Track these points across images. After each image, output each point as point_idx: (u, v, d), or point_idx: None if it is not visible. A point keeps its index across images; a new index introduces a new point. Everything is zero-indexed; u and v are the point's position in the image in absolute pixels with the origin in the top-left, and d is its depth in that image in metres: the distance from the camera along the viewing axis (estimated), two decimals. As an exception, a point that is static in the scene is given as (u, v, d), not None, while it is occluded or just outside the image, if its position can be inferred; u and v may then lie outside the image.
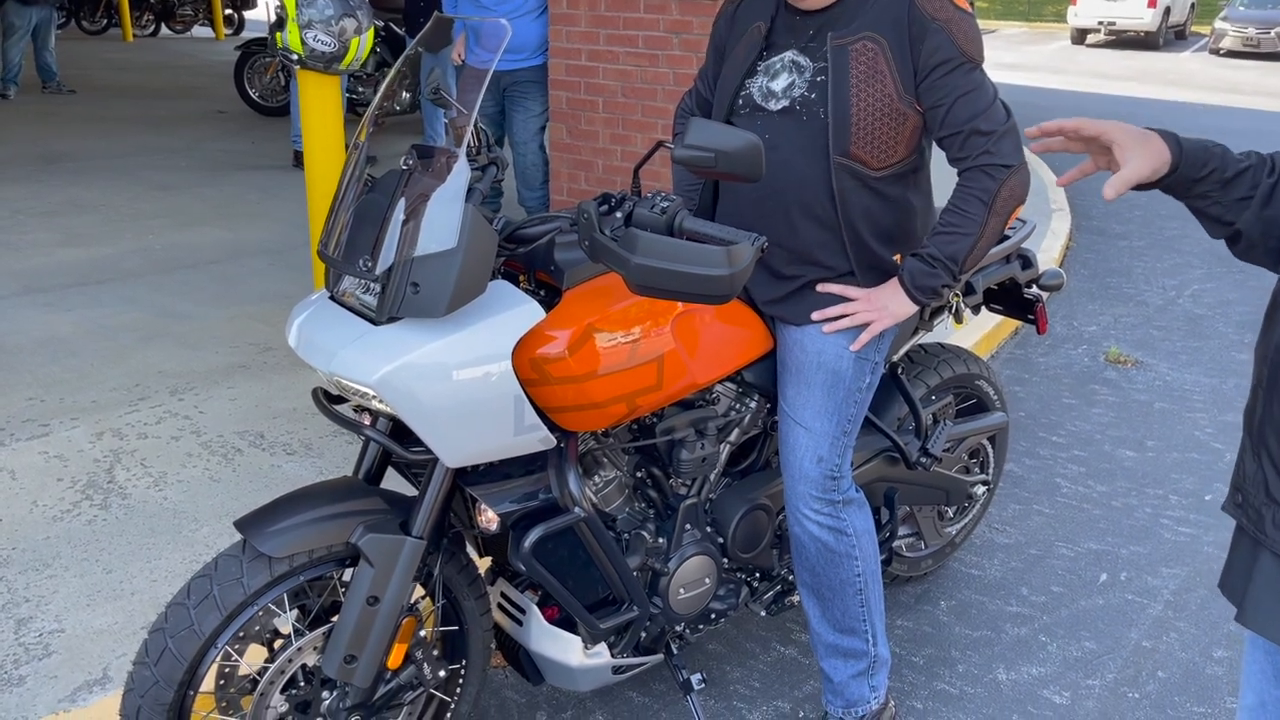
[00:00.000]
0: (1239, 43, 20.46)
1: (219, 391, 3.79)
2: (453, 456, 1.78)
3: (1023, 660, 2.67)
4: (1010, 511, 3.40)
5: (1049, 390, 4.38)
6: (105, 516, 2.97)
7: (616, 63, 4.89)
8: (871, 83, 1.99)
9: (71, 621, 2.52)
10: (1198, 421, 4.11)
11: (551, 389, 1.85)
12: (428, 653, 1.99)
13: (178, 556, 2.78)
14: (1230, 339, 5.06)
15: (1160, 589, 2.99)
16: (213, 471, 3.23)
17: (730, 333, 2.14)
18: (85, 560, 2.76)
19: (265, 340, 4.27)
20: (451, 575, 2.02)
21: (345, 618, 1.84)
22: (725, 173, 1.68)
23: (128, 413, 3.60)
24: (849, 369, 2.15)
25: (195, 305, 4.66)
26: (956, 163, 2.06)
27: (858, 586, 2.22)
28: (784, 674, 2.61)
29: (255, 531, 1.81)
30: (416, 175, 1.75)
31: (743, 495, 2.31)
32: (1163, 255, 6.52)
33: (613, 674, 2.20)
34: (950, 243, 2.05)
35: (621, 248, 1.67)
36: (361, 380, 1.70)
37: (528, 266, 1.98)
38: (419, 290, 1.69)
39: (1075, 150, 1.48)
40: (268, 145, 8.23)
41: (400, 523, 1.89)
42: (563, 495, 1.93)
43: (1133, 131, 1.41)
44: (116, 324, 4.40)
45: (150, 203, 6.39)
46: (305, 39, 3.49)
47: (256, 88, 9.69)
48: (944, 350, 2.78)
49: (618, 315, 1.91)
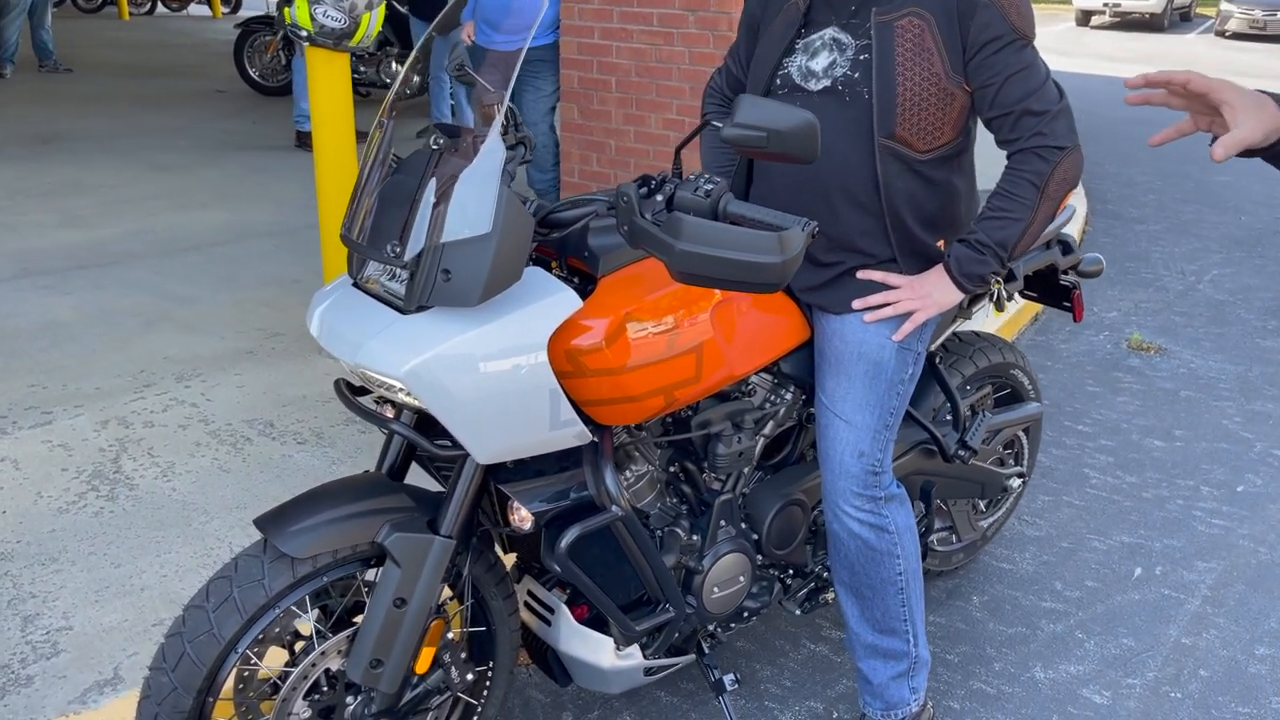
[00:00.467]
0: (1245, 25, 20.30)
1: (226, 378, 3.69)
2: (485, 452, 1.69)
3: (1060, 658, 2.59)
4: (1040, 503, 3.32)
5: (1072, 378, 4.30)
6: (112, 508, 2.88)
7: (630, 41, 4.78)
8: (918, 61, 1.90)
9: (80, 619, 2.43)
10: (1225, 410, 4.02)
11: (586, 381, 1.76)
12: (455, 655, 1.91)
13: (188, 550, 2.70)
14: (1253, 325, 4.97)
15: (1197, 584, 2.91)
16: (222, 461, 3.14)
17: (768, 321, 2.05)
18: (93, 554, 2.67)
19: (272, 325, 4.17)
20: (479, 575, 1.94)
21: (371, 620, 1.76)
22: (777, 154, 1.58)
23: (133, 400, 3.51)
24: (891, 360, 2.06)
25: (199, 289, 4.56)
26: (1006, 145, 1.97)
27: (899, 585, 2.14)
28: (816, 672, 2.53)
29: (276, 530, 1.73)
30: (447, 156, 1.65)
31: (777, 490, 2.22)
32: (1180, 240, 6.42)
33: (644, 675, 2.11)
34: (1000, 228, 1.96)
35: (665, 233, 1.58)
36: (390, 373, 1.61)
37: (559, 252, 1.89)
38: (450, 278, 1.59)
39: (1175, 106, 1.38)
40: (269, 125, 8.11)
41: (428, 521, 1.80)
42: (599, 493, 1.84)
43: (1246, 93, 1.32)
44: (118, 308, 4.30)
45: (150, 184, 6.27)
46: (315, 15, 3.38)
47: (257, 67, 9.54)
48: (979, 339, 2.69)
49: (656, 304, 1.81)
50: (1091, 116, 10.85)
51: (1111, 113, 11.21)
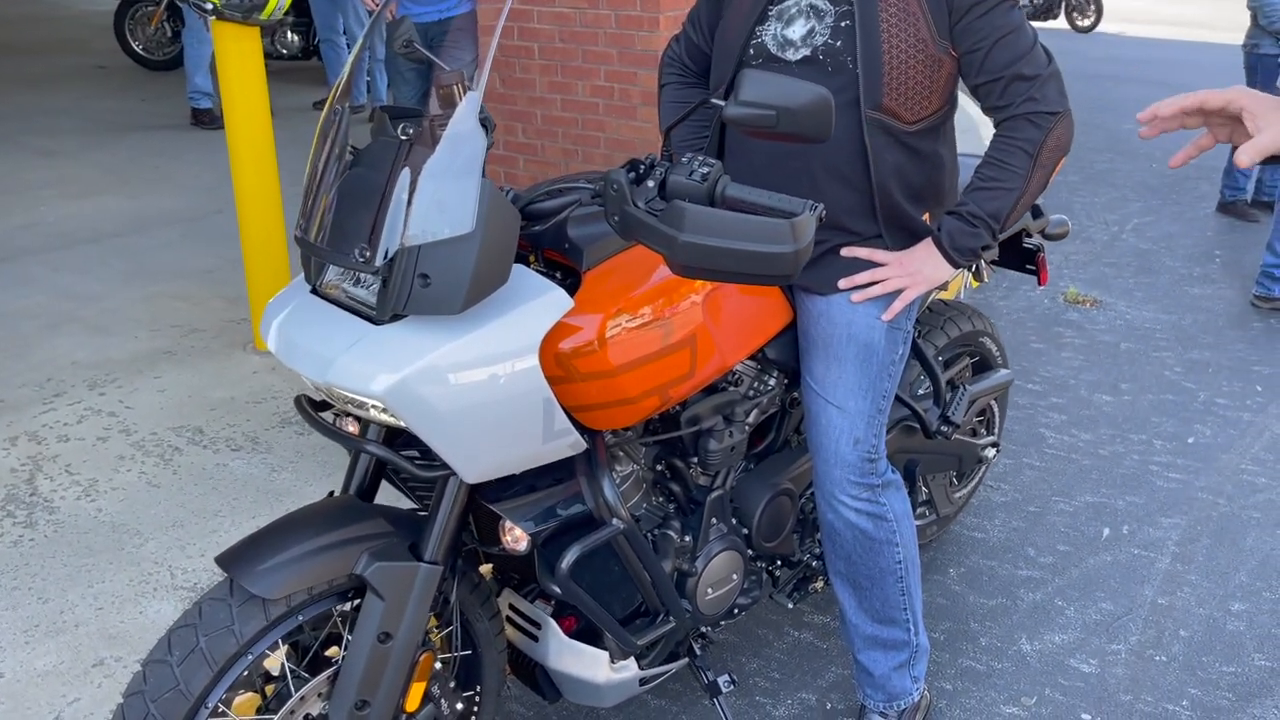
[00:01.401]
0: None
1: (144, 382, 3.44)
2: (473, 471, 1.55)
3: (1044, 628, 2.57)
4: (1001, 467, 3.29)
5: (1016, 335, 4.30)
6: (32, 535, 2.64)
7: (552, 5, 4.57)
8: (903, 26, 1.79)
9: (9, 664, 2.21)
10: (1165, 361, 4.07)
11: (579, 386, 1.62)
12: (445, 688, 1.77)
13: (123, 578, 2.48)
14: (1179, 273, 5.05)
15: (1164, 540, 2.92)
16: (150, 475, 2.91)
17: (755, 305, 1.93)
18: (16, 589, 2.44)
19: (189, 321, 3.90)
20: (464, 597, 1.79)
21: (353, 659, 1.60)
22: (787, 133, 1.46)
23: (42, 412, 3.24)
24: (881, 341, 1.97)
25: (103, 285, 4.25)
26: (995, 111, 1.88)
27: (899, 574, 2.06)
28: (803, 661, 2.45)
29: (243, 570, 1.55)
30: (419, 147, 1.48)
31: (765, 480, 2.12)
32: (1098, 190, 6.51)
33: (639, 685, 2.00)
34: (992, 199, 1.87)
35: (664, 224, 1.44)
36: (366, 391, 1.44)
37: (535, 245, 1.74)
38: (429, 283, 1.43)
39: (1191, 126, 1.30)
40: (160, 103, 7.65)
41: (409, 545, 1.65)
42: (598, 506, 1.71)
43: (1263, 97, 1.24)
44: (14, 310, 3.97)
45: (36, 171, 5.84)
46: (221, -14, 3.12)
47: (140, 40, 9.00)
48: (948, 308, 2.62)
49: (645, 296, 1.68)
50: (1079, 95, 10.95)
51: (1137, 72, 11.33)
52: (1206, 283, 4.92)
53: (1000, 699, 2.34)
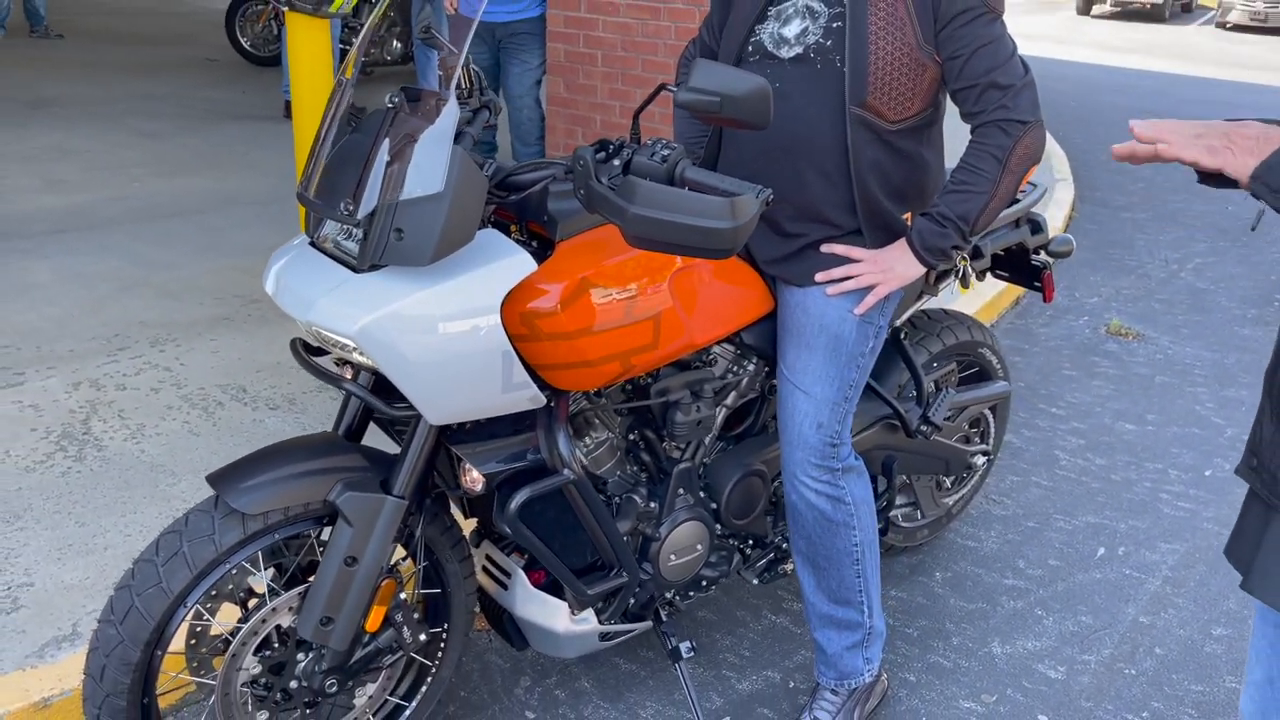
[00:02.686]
0: (1246, 17, 20.25)
1: (201, 344, 3.69)
2: (436, 413, 1.70)
3: (1018, 634, 2.61)
4: (1008, 483, 3.33)
5: (1049, 361, 4.31)
6: (80, 469, 2.88)
7: (617, 15, 4.76)
8: (891, 30, 1.90)
9: (41, 575, 2.44)
10: (1199, 396, 4.04)
11: (542, 345, 1.77)
12: (408, 616, 1.92)
13: (153, 511, 2.70)
14: (1233, 313, 4.99)
15: (1159, 564, 2.94)
16: (192, 425, 3.14)
17: (730, 292, 2.05)
18: (57, 513, 2.67)
19: (250, 292, 4.17)
20: (434, 537, 1.95)
21: (322, 578, 1.77)
22: (730, 118, 1.59)
23: (106, 363, 3.51)
24: (852, 333, 2.07)
25: (178, 255, 4.55)
26: (971, 117, 1.97)
27: (855, 556, 2.15)
28: (775, 643, 2.54)
29: (228, 487, 1.73)
30: (403, 115, 1.65)
31: (738, 460, 2.23)
32: (1165, 228, 6.43)
33: (600, 640, 2.13)
34: (962, 201, 1.96)
35: (619, 196, 1.58)
36: (341, 330, 1.61)
37: (519, 216, 1.89)
38: (403, 236, 1.59)
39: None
40: (258, 95, 8.06)
41: (381, 481, 1.81)
42: (551, 456, 1.85)
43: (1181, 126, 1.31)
44: (95, 272, 4.29)
45: (134, 150, 6.24)
46: (294, -21, 3.35)
47: (248, 36, 9.47)
48: (947, 316, 2.70)
49: (613, 269, 1.82)
50: (1086, 104, 10.84)
51: (1106, 99, 11.20)
52: (1260, 325, 4.85)
53: (961, 694, 2.40)
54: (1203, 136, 1.19)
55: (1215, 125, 1.19)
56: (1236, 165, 1.17)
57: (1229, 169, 1.17)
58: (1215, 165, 1.18)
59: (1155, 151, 1.25)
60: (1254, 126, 1.18)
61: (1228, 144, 1.17)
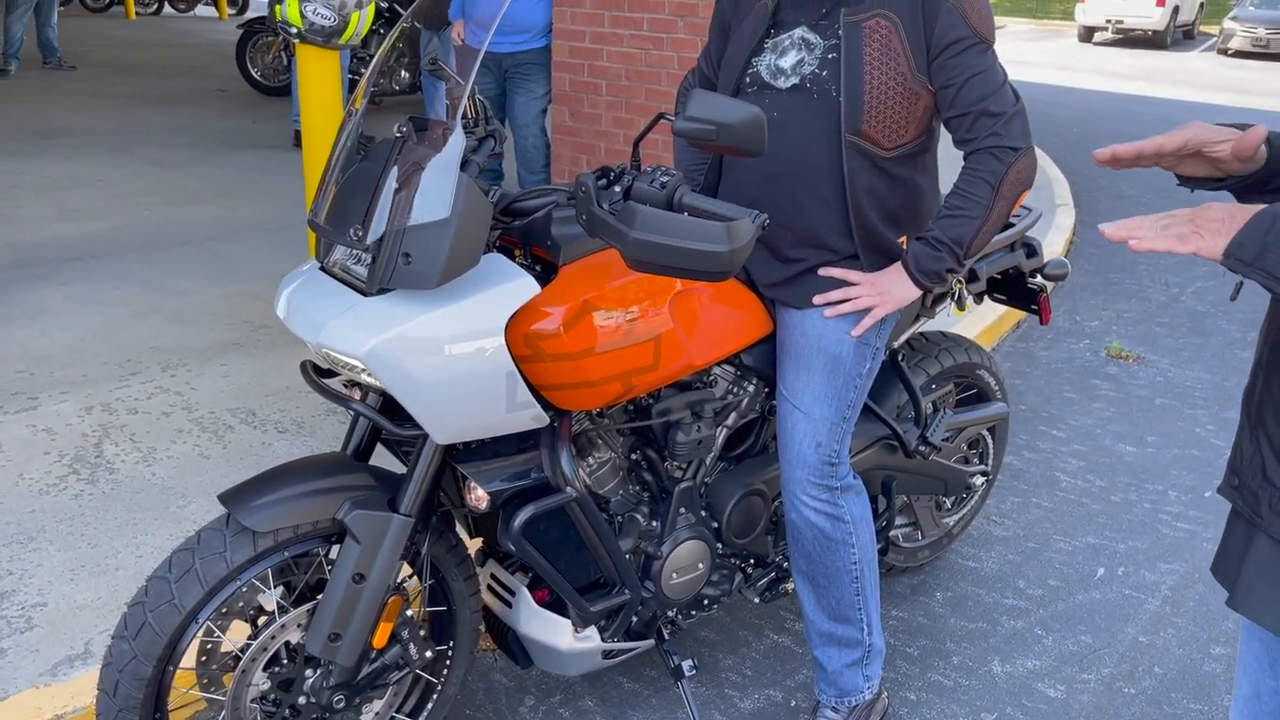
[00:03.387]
0: (1248, 43, 20.34)
1: (211, 368, 3.75)
2: (442, 433, 1.75)
3: (1018, 653, 2.64)
4: (1009, 504, 3.36)
5: (1050, 384, 4.35)
6: (92, 491, 2.93)
7: (621, 45, 4.84)
8: (885, 61, 1.95)
9: (54, 596, 2.48)
10: (1199, 418, 4.07)
11: (545, 366, 1.81)
12: (414, 633, 1.96)
13: (164, 532, 2.74)
14: (1233, 336, 5.02)
15: (1158, 584, 2.96)
16: (203, 448, 3.19)
17: (729, 314, 2.10)
18: (70, 535, 2.72)
19: (260, 318, 4.23)
20: (440, 555, 1.99)
21: (330, 595, 1.81)
22: (726, 146, 1.64)
23: (118, 388, 3.56)
24: (849, 354, 2.11)
25: (190, 282, 4.62)
26: (963, 144, 2.02)
27: (854, 574, 2.18)
28: (777, 662, 2.57)
29: (239, 505, 1.78)
30: (410, 144, 1.70)
31: (739, 480, 2.27)
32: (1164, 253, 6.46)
33: (603, 659, 2.16)
34: (955, 226, 2.01)
35: (619, 221, 1.63)
36: (350, 352, 1.66)
37: (524, 241, 1.94)
38: (410, 261, 1.64)
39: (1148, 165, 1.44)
40: (268, 124, 8.18)
41: (388, 500, 1.85)
42: (554, 475, 1.89)
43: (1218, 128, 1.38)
44: (108, 299, 4.36)
45: (147, 179, 6.34)
46: (304, 12, 3.44)
47: (258, 67, 9.62)
48: (945, 339, 2.74)
49: (614, 292, 1.87)
50: (1088, 130, 10.92)
51: (1108, 126, 11.28)
52: (1260, 347, 4.87)
53: (961, 713, 2.42)
54: (1170, 227, 1.25)
55: (1179, 213, 1.26)
56: (1206, 247, 1.23)
57: (1202, 251, 1.23)
58: (1188, 250, 1.24)
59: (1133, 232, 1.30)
60: (1215, 209, 1.24)
61: (1195, 229, 1.23)
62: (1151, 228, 1.26)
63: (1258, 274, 1.19)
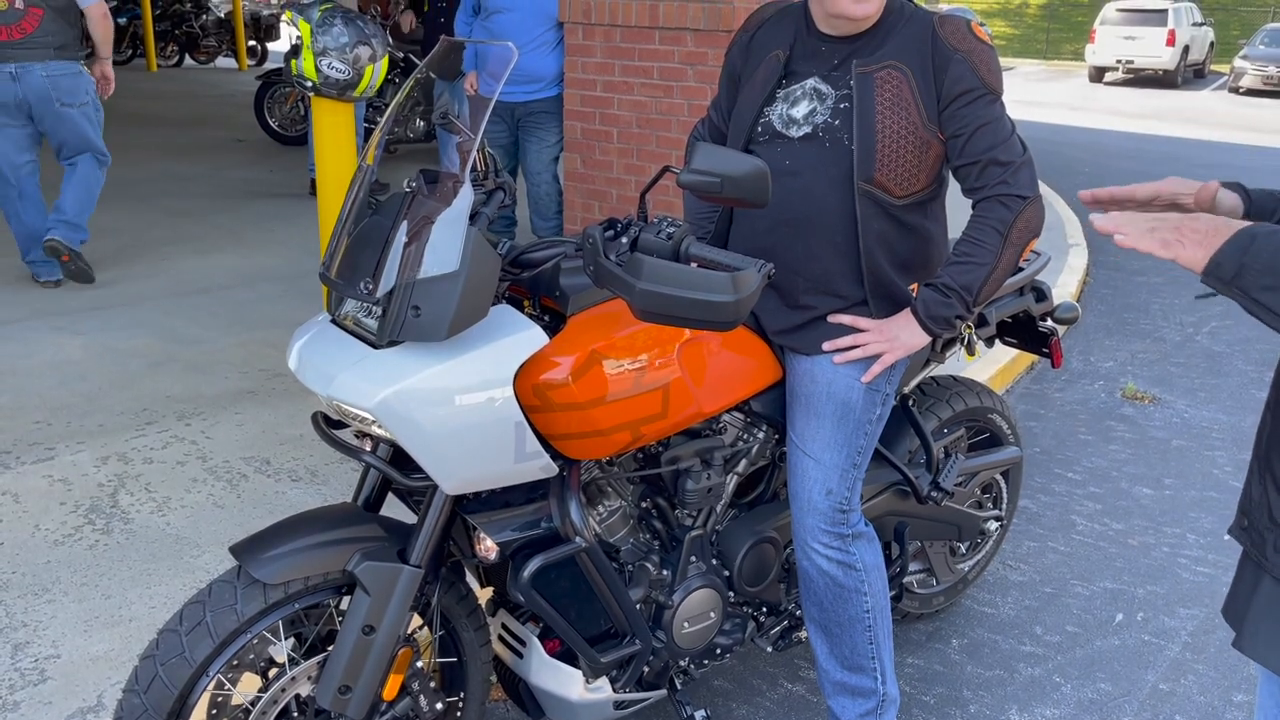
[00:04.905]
0: (1259, 81, 20.42)
1: (226, 417, 3.77)
2: (451, 483, 1.75)
3: (1036, 701, 2.60)
4: (1025, 549, 3.33)
5: (1065, 426, 4.32)
6: (107, 541, 2.94)
7: (631, 94, 4.90)
8: (896, 110, 1.98)
9: (68, 647, 2.48)
10: (1216, 460, 4.04)
11: (554, 416, 1.82)
12: (424, 684, 1.95)
13: (178, 583, 2.75)
14: (1249, 376, 4.99)
15: (1178, 630, 2.92)
16: (217, 497, 3.21)
17: (738, 362, 2.11)
18: (84, 585, 2.73)
19: (275, 366, 4.26)
20: (450, 605, 1.99)
21: (340, 647, 1.80)
22: (732, 198, 1.66)
23: (134, 437, 3.59)
24: (859, 400, 2.11)
25: (206, 330, 4.66)
26: (972, 193, 2.04)
27: (866, 623, 2.17)
28: (791, 712, 2.54)
29: (250, 557, 1.78)
30: (420, 198, 1.73)
31: (750, 527, 2.26)
32: (1180, 292, 6.46)
33: (614, 709, 2.14)
34: (965, 272, 2.02)
35: (626, 273, 1.65)
36: (360, 404, 1.67)
37: (532, 292, 1.96)
38: (420, 314, 1.66)
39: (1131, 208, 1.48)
40: (286, 174, 8.28)
41: (398, 551, 1.85)
42: (564, 524, 1.89)
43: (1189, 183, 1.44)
44: (127, 348, 4.40)
45: (166, 229, 6.42)
46: (320, 66, 3.50)
47: (276, 117, 9.77)
48: (956, 383, 2.74)
49: (622, 342, 1.88)
50: (1099, 169, 10.94)
51: (1119, 164, 11.30)
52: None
53: (979, 763, 2.39)
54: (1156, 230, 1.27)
55: (1168, 218, 1.27)
56: (1188, 257, 1.25)
57: (1182, 260, 1.25)
58: (1169, 257, 1.26)
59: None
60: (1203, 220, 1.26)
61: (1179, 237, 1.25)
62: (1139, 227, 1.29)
63: (1235, 293, 1.21)
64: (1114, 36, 22.01)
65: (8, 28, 4.74)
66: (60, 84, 4.90)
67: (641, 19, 4.75)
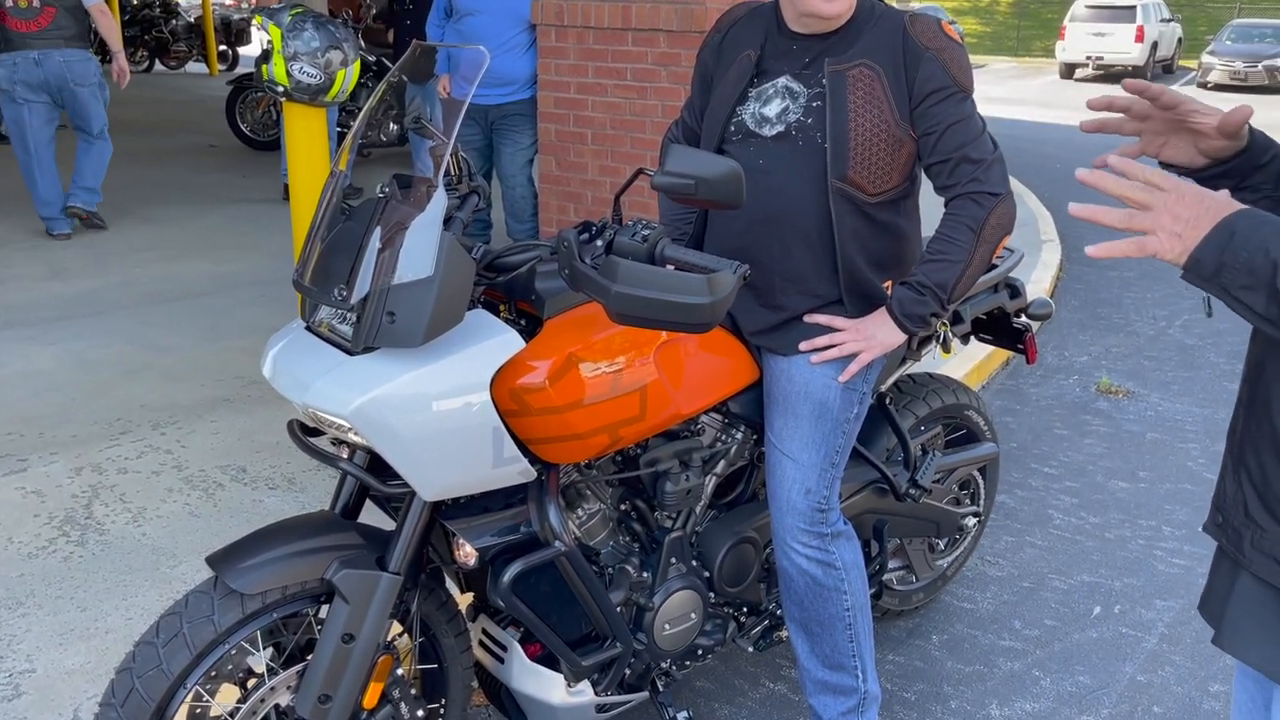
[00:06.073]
0: (1226, 76, 20.64)
1: (202, 425, 3.74)
2: (430, 489, 1.74)
3: (1016, 695, 2.62)
4: (1002, 544, 3.35)
5: (1040, 421, 4.35)
6: (82, 553, 2.91)
7: (605, 95, 4.90)
8: (869, 108, 1.99)
9: (43, 661, 2.46)
10: (1190, 452, 4.08)
11: (532, 420, 1.82)
12: (405, 692, 1.94)
13: (154, 594, 2.72)
14: (1222, 369, 5.04)
15: (1155, 622, 2.95)
16: (193, 506, 3.18)
17: (715, 363, 2.11)
18: (59, 598, 2.70)
19: (250, 373, 4.23)
20: (430, 612, 1.98)
21: (319, 656, 1.79)
22: (706, 199, 1.66)
23: (108, 447, 3.55)
24: (836, 400, 2.12)
25: (181, 338, 4.62)
26: (944, 190, 2.05)
27: (846, 621, 2.17)
28: (774, 711, 2.55)
29: (227, 567, 1.77)
30: (394, 203, 1.72)
31: (729, 528, 2.27)
32: (1152, 286, 6.52)
33: (596, 713, 2.14)
34: (939, 270, 2.03)
35: (602, 276, 1.65)
36: (336, 412, 1.66)
37: (508, 295, 1.95)
38: (395, 319, 1.65)
39: (1128, 131, 1.46)
40: (258, 179, 8.23)
41: (377, 558, 1.84)
42: (543, 529, 1.89)
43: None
44: (99, 357, 4.36)
45: (138, 235, 6.36)
46: (291, 71, 3.47)
47: (248, 122, 9.69)
48: (932, 380, 2.75)
49: (599, 345, 1.88)
50: (1071, 164, 11.00)
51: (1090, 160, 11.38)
52: (1249, 379, 4.89)
53: (960, 758, 2.40)
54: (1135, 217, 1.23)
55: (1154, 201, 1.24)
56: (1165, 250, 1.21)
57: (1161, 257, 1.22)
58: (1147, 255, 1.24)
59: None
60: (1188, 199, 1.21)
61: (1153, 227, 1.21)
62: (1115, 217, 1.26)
63: (1215, 289, 1.18)
64: (1084, 33, 22.21)
65: (28, 21, 5.74)
66: (74, 68, 5.90)
67: (614, 20, 4.75)
